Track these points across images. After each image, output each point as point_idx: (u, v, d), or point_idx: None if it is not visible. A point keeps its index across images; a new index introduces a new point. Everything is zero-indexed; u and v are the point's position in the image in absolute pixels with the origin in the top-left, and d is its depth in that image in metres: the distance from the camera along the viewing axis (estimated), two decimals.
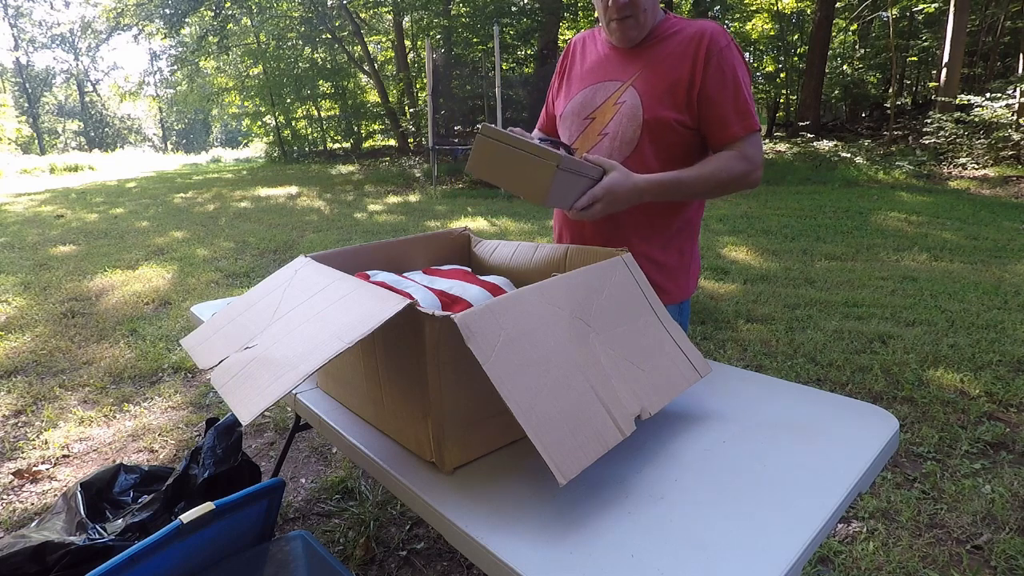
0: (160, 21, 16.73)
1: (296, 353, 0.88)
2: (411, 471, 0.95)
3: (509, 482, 0.91)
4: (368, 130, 20.14)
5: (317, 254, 1.20)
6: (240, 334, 1.02)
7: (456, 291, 1.13)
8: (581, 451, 0.83)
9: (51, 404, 2.71)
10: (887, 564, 1.68)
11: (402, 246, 1.38)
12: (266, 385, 0.86)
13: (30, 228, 7.23)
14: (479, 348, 0.81)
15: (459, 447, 0.95)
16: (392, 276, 1.20)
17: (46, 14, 39.14)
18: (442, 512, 0.85)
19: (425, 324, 0.87)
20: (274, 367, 0.88)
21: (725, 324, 3.53)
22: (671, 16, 1.34)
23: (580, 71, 1.43)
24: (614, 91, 1.33)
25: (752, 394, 1.16)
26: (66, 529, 1.42)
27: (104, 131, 41.99)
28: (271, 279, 1.15)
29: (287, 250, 5.70)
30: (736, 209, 7.22)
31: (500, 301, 0.89)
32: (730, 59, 1.25)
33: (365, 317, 0.86)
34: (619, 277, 1.07)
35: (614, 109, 1.32)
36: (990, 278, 4.31)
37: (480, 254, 1.46)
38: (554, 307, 0.93)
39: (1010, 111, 9.58)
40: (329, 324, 0.90)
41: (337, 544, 1.82)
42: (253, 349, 0.95)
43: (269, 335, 0.96)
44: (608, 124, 1.33)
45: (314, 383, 1.27)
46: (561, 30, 14.63)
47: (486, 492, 0.89)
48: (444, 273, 1.27)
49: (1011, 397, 2.57)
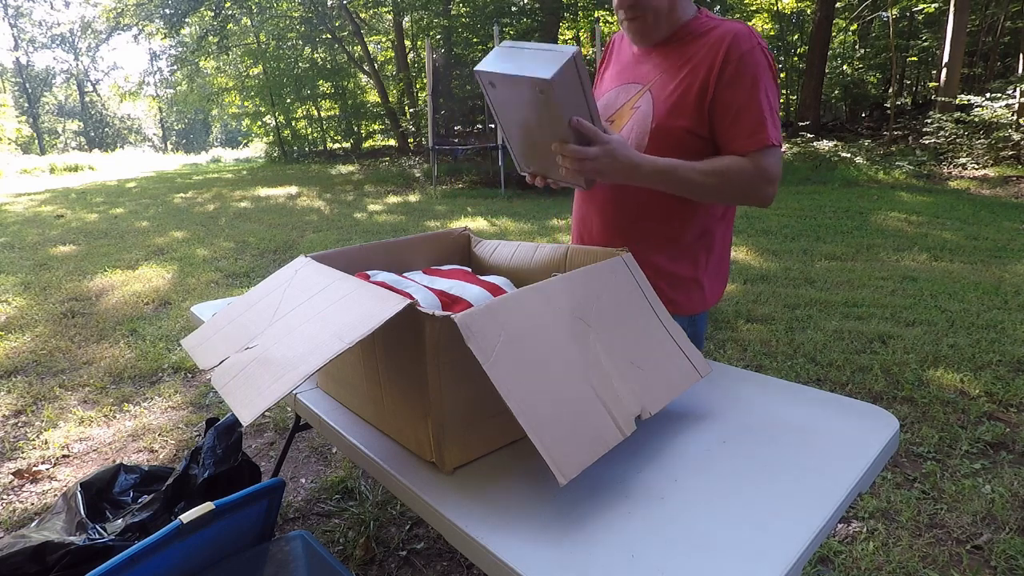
0: (160, 21, 16.74)
1: (296, 353, 0.88)
2: (411, 471, 0.95)
3: (509, 482, 0.91)
4: (368, 130, 20.14)
5: (317, 254, 1.20)
6: (240, 334, 1.02)
7: (456, 291, 1.13)
8: (581, 451, 0.83)
9: (51, 404, 2.71)
10: (887, 564, 1.68)
11: (402, 246, 1.38)
12: (267, 385, 0.86)
13: (30, 228, 7.23)
14: (479, 348, 0.81)
15: (459, 447, 0.94)
16: (392, 276, 1.19)
17: (46, 14, 39.19)
18: (442, 512, 0.85)
19: (425, 324, 0.87)
20: (274, 367, 0.88)
21: (725, 324, 3.53)
22: (703, 14, 1.27)
23: (612, 71, 1.42)
24: (634, 94, 1.31)
25: (752, 394, 1.16)
26: (66, 529, 1.42)
27: (104, 131, 41.99)
28: (271, 279, 1.15)
29: (287, 250, 5.70)
30: (736, 209, 7.22)
31: (500, 301, 0.89)
32: (751, 64, 1.17)
33: (365, 317, 0.86)
34: (619, 277, 1.07)
35: (630, 113, 1.30)
36: (990, 278, 4.31)
37: (480, 254, 1.46)
38: (554, 307, 0.93)
39: (1010, 111, 9.58)
40: (329, 324, 0.90)
41: (337, 544, 1.82)
42: (253, 349, 0.95)
43: (270, 335, 0.96)
44: (623, 128, 1.31)
45: (314, 383, 1.27)
46: (561, 30, 14.64)
47: (486, 492, 0.89)
48: (444, 273, 1.27)
49: (1011, 397, 2.57)
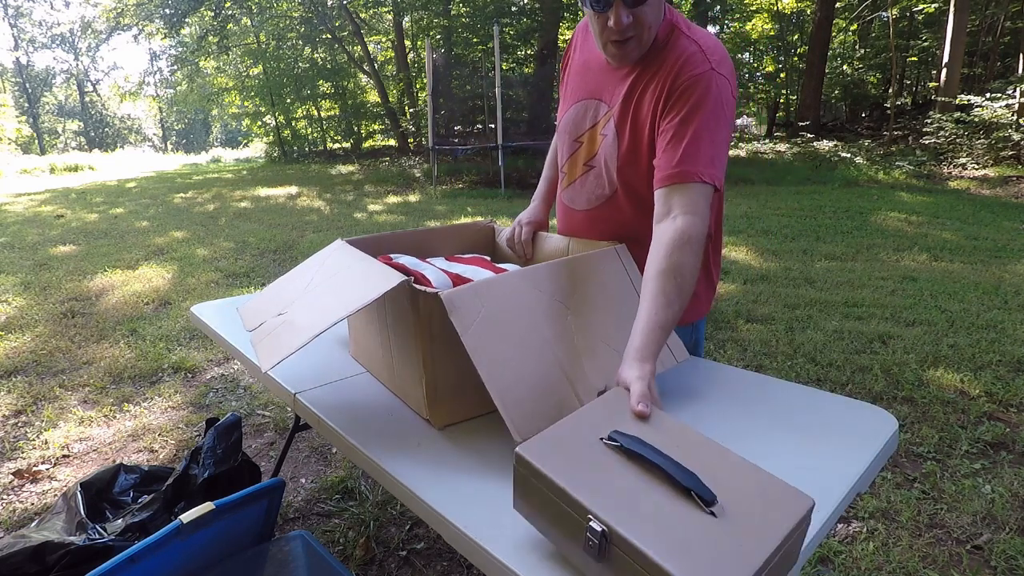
0: (160, 21, 16.71)
1: (312, 319, 1.03)
2: (411, 472, 0.95)
3: (509, 483, 0.91)
4: (368, 130, 20.13)
5: (352, 239, 1.32)
6: (278, 302, 1.20)
7: (469, 274, 1.21)
8: (539, 416, 0.92)
9: (51, 404, 2.72)
10: (887, 564, 1.68)
11: (430, 235, 1.50)
12: (286, 342, 1.01)
13: (30, 228, 7.23)
14: (459, 321, 0.93)
15: (447, 409, 1.08)
16: (412, 259, 1.30)
17: (46, 14, 39.14)
18: (442, 512, 0.85)
19: (419, 299, 1.00)
20: (295, 328, 1.04)
21: (725, 324, 3.53)
22: (673, 15, 1.16)
23: (577, 68, 1.33)
24: (600, 117, 1.24)
25: (752, 394, 1.16)
26: (66, 529, 1.41)
27: (104, 131, 41.98)
28: (312, 259, 1.30)
29: (287, 250, 5.70)
30: (736, 209, 7.22)
31: (486, 282, 1.01)
32: (697, 90, 1.06)
33: (368, 290, 1.00)
34: (609, 266, 1.15)
35: (599, 140, 1.24)
36: (990, 278, 4.31)
37: (502, 244, 1.55)
38: (536, 290, 1.05)
39: (1010, 111, 9.58)
40: (339, 296, 1.05)
41: (337, 544, 1.82)
42: (285, 315, 1.12)
43: (299, 304, 1.13)
44: (593, 157, 1.26)
45: (346, 353, 1.41)
46: (561, 30, 14.62)
47: (486, 492, 0.89)
48: (464, 260, 1.36)
49: (1011, 397, 2.57)
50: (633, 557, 0.60)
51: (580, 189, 1.33)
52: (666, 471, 0.68)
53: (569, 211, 1.38)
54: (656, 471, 0.69)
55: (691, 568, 0.57)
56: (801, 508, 0.65)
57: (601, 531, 0.63)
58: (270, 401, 2.72)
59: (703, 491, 0.65)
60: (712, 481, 0.67)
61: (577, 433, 0.76)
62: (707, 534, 0.61)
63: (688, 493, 0.66)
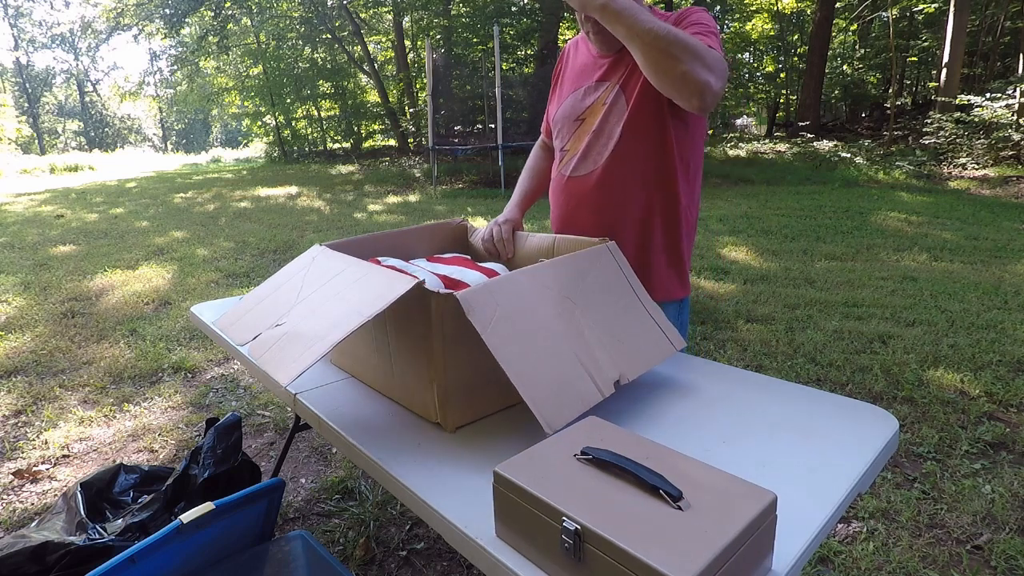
0: (160, 21, 16.70)
1: (322, 327, 1.00)
2: (411, 472, 0.95)
3: None
4: (368, 130, 20.13)
5: (330, 243, 1.31)
6: (270, 314, 1.16)
7: (457, 275, 1.23)
8: (566, 408, 0.95)
9: (51, 404, 2.72)
10: (887, 564, 1.68)
11: (407, 235, 1.51)
12: (300, 354, 0.98)
13: (30, 228, 7.23)
14: (478, 321, 0.93)
15: (460, 410, 1.06)
16: (400, 262, 1.31)
17: (46, 14, 39.13)
18: (442, 512, 0.85)
19: (431, 301, 0.98)
20: (304, 339, 1.01)
21: (725, 324, 3.53)
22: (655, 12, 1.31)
23: (571, 75, 1.45)
24: (602, 91, 1.35)
25: (752, 394, 1.16)
26: (66, 529, 1.42)
27: (104, 131, 41.98)
28: (290, 266, 1.27)
29: (287, 250, 5.70)
30: (736, 209, 7.23)
31: (497, 281, 1.02)
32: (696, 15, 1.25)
33: (381, 294, 0.98)
34: (604, 262, 1.19)
35: (602, 109, 1.34)
36: (990, 278, 4.31)
37: (476, 242, 1.58)
38: (544, 287, 1.07)
39: (1010, 111, 9.59)
40: (348, 302, 1.03)
41: (337, 544, 1.82)
42: (283, 326, 1.09)
43: (296, 314, 1.11)
44: (596, 123, 1.35)
45: (328, 360, 1.36)
46: (561, 30, 14.63)
47: (487, 493, 0.89)
48: (446, 260, 1.37)
49: (1011, 397, 2.57)
50: (606, 550, 0.64)
51: (586, 155, 1.37)
52: (634, 473, 0.72)
53: (572, 181, 1.40)
54: (626, 475, 0.73)
55: (660, 554, 0.61)
56: (763, 500, 0.69)
57: (575, 530, 0.66)
58: (270, 401, 2.72)
59: (669, 488, 0.70)
60: (679, 482, 0.71)
61: (552, 452, 0.80)
62: (674, 525, 0.65)
63: (656, 491, 0.70)
